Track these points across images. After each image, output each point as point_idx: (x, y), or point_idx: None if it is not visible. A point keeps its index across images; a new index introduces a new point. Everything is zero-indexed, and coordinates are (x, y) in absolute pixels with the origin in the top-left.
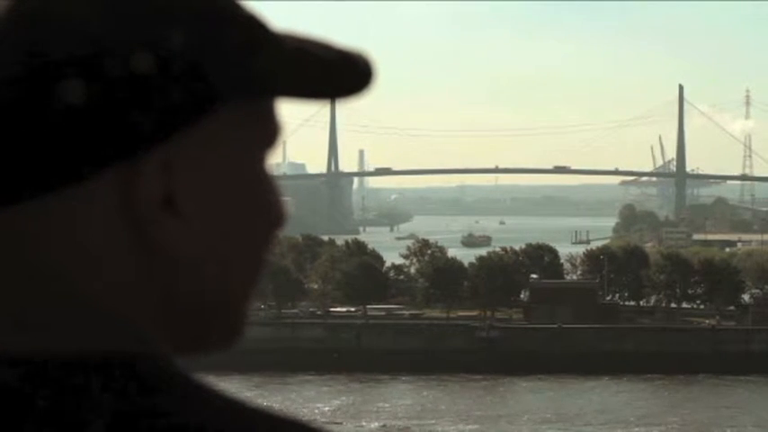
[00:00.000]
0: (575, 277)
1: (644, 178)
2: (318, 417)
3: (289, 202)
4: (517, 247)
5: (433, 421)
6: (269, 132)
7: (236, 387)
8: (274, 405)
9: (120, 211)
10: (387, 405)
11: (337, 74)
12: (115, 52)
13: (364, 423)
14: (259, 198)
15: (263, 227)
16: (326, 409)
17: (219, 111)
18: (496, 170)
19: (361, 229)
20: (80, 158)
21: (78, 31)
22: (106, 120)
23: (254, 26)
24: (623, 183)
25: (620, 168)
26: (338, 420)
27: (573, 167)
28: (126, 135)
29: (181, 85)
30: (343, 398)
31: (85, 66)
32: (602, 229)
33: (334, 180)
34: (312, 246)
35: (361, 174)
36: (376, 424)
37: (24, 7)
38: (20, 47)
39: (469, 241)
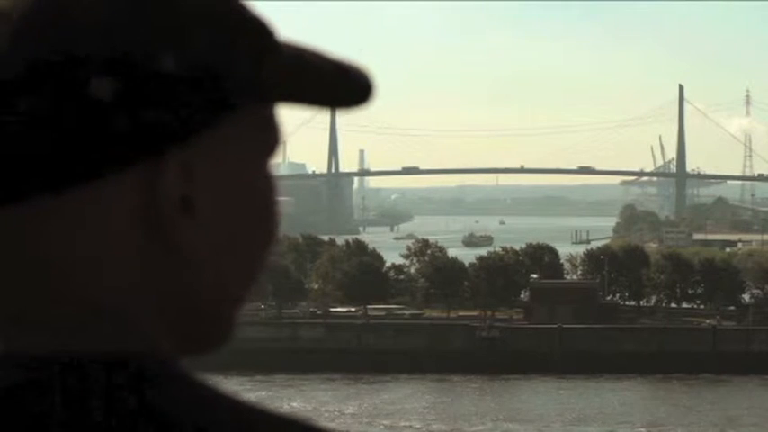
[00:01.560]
0: (575, 277)
1: (644, 178)
2: (320, 416)
3: (289, 202)
4: (517, 247)
5: (434, 420)
6: (272, 138)
7: (236, 387)
8: (275, 404)
9: (138, 211)
10: (387, 405)
11: (335, 85)
12: (142, 52)
13: (366, 422)
14: (263, 202)
15: (266, 230)
16: (328, 408)
17: (234, 115)
18: (522, 170)
19: (361, 229)
20: (103, 156)
21: (107, 29)
22: (130, 118)
23: (265, 33)
24: (623, 183)
25: (624, 168)
26: (340, 420)
27: (597, 168)
28: (149, 135)
29: (201, 88)
30: (344, 398)
31: (113, 64)
32: (602, 229)
33: (335, 180)
34: (312, 246)
35: (391, 173)
36: (377, 424)
37: (54, 1)
38: (49, 40)
39: (471, 241)
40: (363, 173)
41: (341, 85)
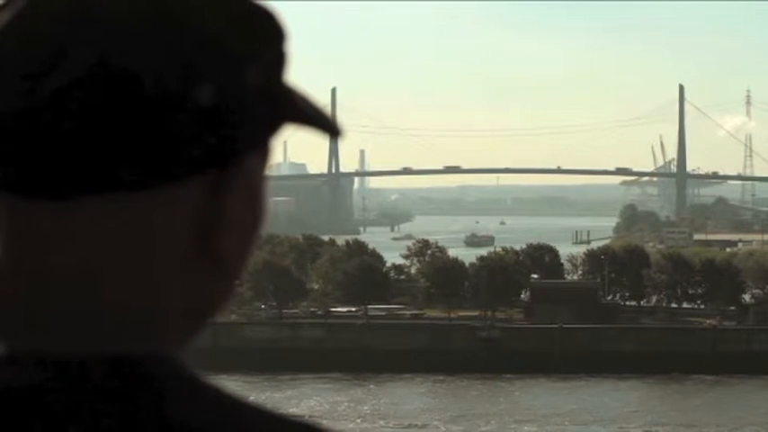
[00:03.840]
0: (575, 277)
1: (645, 178)
2: (320, 417)
3: (289, 202)
4: (518, 247)
5: (435, 421)
6: (269, 150)
7: (236, 387)
8: (275, 405)
9: (192, 219)
10: (387, 405)
11: (314, 127)
12: (234, 64)
13: (366, 423)
14: (265, 209)
15: (259, 235)
16: (328, 408)
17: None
18: (558, 170)
19: (361, 229)
20: (187, 159)
21: (211, 40)
22: (218, 127)
23: (287, 64)
24: (624, 183)
25: (621, 167)
26: (341, 420)
27: (635, 169)
28: (227, 145)
29: (268, 105)
30: (344, 398)
31: (214, 73)
32: (602, 229)
33: (335, 180)
34: (313, 246)
35: (434, 171)
36: (378, 424)
37: (166, 6)
38: (164, 42)
39: (473, 241)
40: (406, 171)
41: (318, 129)
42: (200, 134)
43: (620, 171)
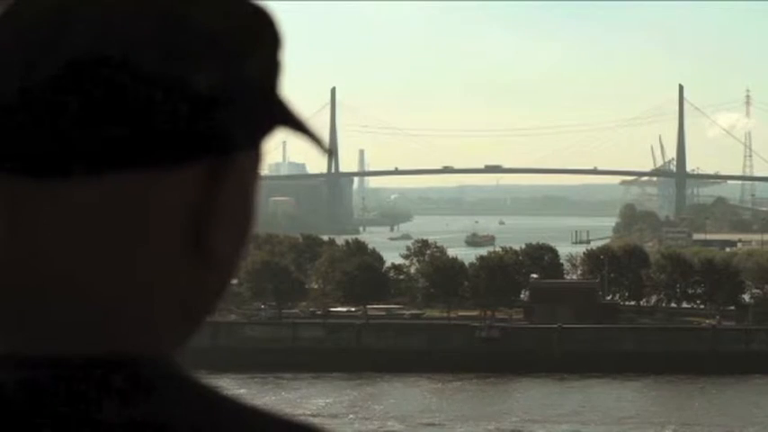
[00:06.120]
0: (575, 277)
1: (644, 178)
2: (318, 417)
3: (289, 202)
4: (517, 247)
5: (435, 421)
6: (261, 157)
7: (236, 387)
8: (274, 405)
9: (184, 211)
10: (387, 405)
11: (305, 135)
12: (236, 55)
13: (365, 423)
14: (256, 207)
15: (251, 235)
16: (327, 408)
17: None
18: (595, 171)
19: (361, 228)
20: (180, 143)
21: (212, 31)
22: (218, 116)
23: (281, 71)
24: (624, 183)
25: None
26: (339, 420)
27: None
28: (226, 135)
29: (268, 99)
30: (344, 398)
31: (215, 62)
32: (602, 229)
33: (334, 180)
34: (312, 246)
35: (474, 171)
36: (377, 424)
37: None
38: (159, 32)
39: (474, 241)
40: (447, 170)
41: (308, 138)
42: (193, 119)
43: (656, 172)
